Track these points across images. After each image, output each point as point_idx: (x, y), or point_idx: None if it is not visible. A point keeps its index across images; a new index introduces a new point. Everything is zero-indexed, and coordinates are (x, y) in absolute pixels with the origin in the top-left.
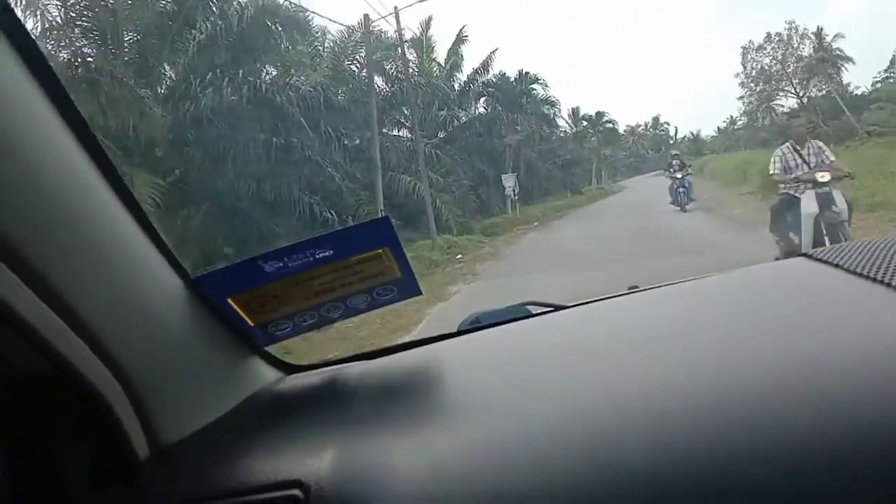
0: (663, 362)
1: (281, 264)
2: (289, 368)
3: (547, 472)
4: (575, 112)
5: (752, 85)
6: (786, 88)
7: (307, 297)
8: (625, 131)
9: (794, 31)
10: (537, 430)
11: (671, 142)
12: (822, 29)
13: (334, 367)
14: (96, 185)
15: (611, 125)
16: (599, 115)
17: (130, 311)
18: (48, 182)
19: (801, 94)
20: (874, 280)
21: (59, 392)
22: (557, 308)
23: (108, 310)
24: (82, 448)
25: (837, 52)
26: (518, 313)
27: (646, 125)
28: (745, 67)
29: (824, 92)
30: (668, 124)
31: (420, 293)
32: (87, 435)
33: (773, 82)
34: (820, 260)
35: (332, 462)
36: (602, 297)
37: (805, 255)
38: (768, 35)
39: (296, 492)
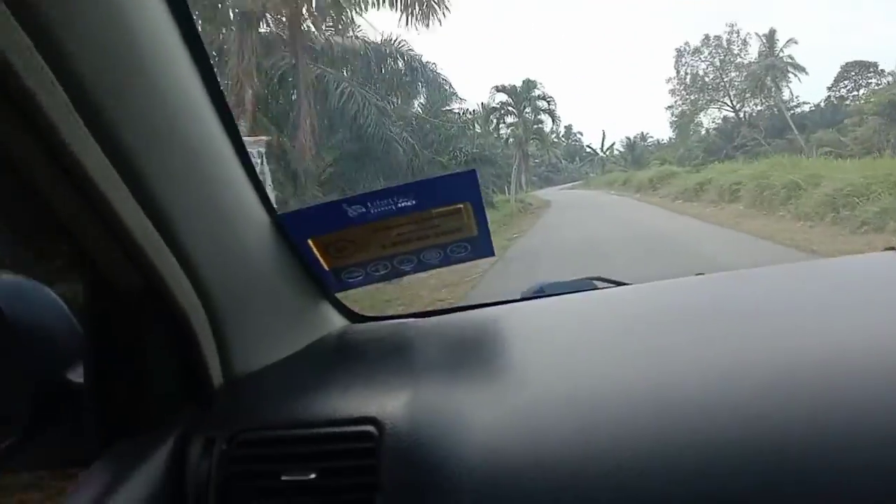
0: (730, 344)
1: (364, 209)
2: (356, 318)
3: (613, 435)
4: (504, 88)
5: (685, 93)
6: (722, 100)
7: (383, 247)
8: (533, 138)
9: (735, 34)
10: (608, 398)
11: (585, 153)
12: (774, 32)
13: (401, 320)
14: (210, 118)
15: (545, 103)
16: (529, 84)
17: (221, 238)
18: (168, 106)
19: (737, 107)
20: None
21: (147, 306)
22: (620, 284)
23: (202, 233)
24: (162, 366)
25: (789, 59)
26: (583, 286)
27: (557, 134)
28: (677, 72)
29: (764, 106)
30: (582, 134)
31: (493, 254)
32: (168, 355)
33: (708, 92)
34: None
35: (406, 404)
36: (666, 279)
37: (893, 248)
38: (706, 37)
39: (370, 428)
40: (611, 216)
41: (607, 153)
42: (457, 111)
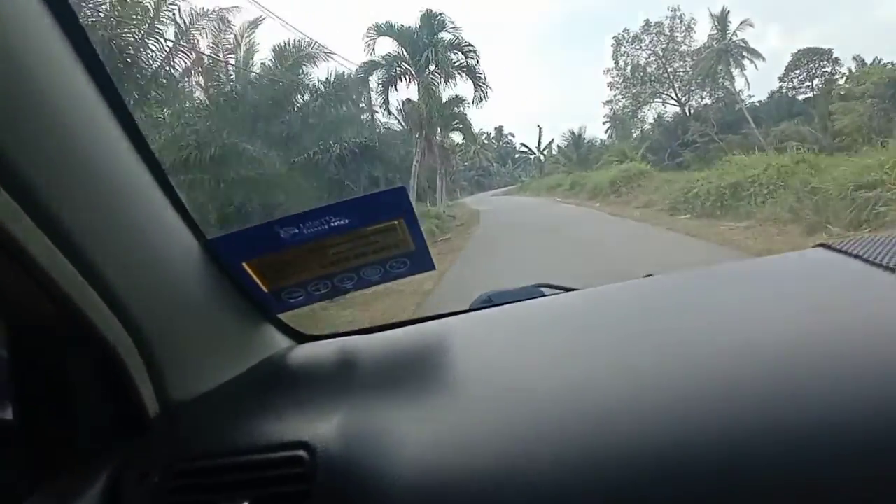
0: (675, 343)
1: (296, 230)
2: (301, 337)
3: (551, 448)
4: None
5: (625, 86)
6: (666, 92)
7: (321, 266)
8: (465, 139)
9: (678, 19)
10: (544, 406)
11: (517, 155)
12: (727, 13)
13: (346, 337)
14: (121, 143)
15: (460, 56)
16: (431, 21)
17: (146, 268)
18: (76, 136)
19: (683, 99)
20: (888, 269)
21: (71, 340)
22: (569, 290)
23: (125, 265)
24: (92, 399)
25: (742, 44)
26: (531, 294)
27: (488, 136)
28: (616, 63)
29: (712, 99)
30: (514, 136)
31: (433, 268)
32: (98, 388)
33: (651, 84)
34: (838, 250)
35: (338, 427)
36: (615, 283)
37: (823, 245)
38: (647, 23)
39: (301, 453)
40: (594, 247)
41: (545, 152)
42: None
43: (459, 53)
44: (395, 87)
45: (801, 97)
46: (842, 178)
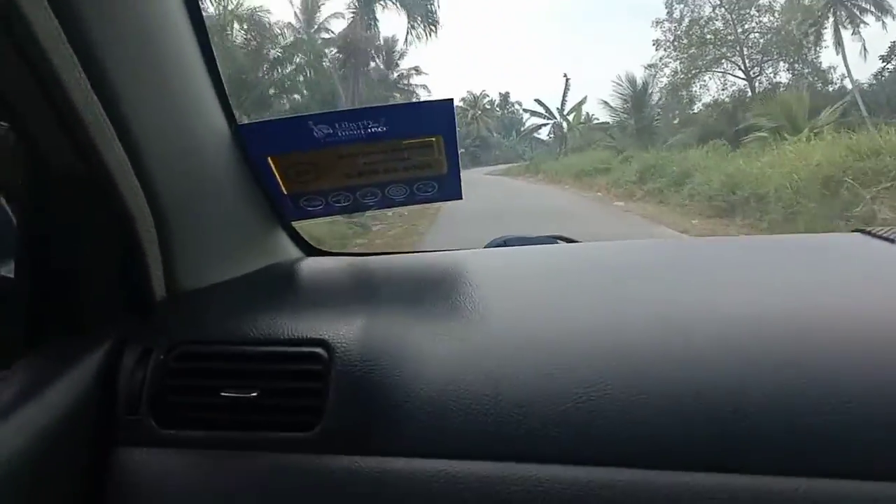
0: (703, 301)
1: (331, 130)
2: (312, 250)
3: (577, 378)
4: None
5: (677, 47)
6: (731, 59)
7: (347, 175)
8: (464, 101)
9: None
10: (568, 339)
11: (525, 125)
12: None
13: (359, 257)
14: (179, 17)
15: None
16: None
17: (173, 138)
18: None
19: (751, 71)
20: None
21: (89, 201)
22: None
23: (156, 130)
24: (101, 268)
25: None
26: (544, 241)
27: (491, 102)
28: (670, 14)
29: (793, 74)
30: (521, 104)
31: (461, 197)
32: (108, 257)
33: (714, 46)
34: (879, 236)
35: (360, 329)
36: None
37: (861, 230)
38: None
39: (319, 350)
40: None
41: (572, 116)
42: None
43: None
44: None
45: None
46: None
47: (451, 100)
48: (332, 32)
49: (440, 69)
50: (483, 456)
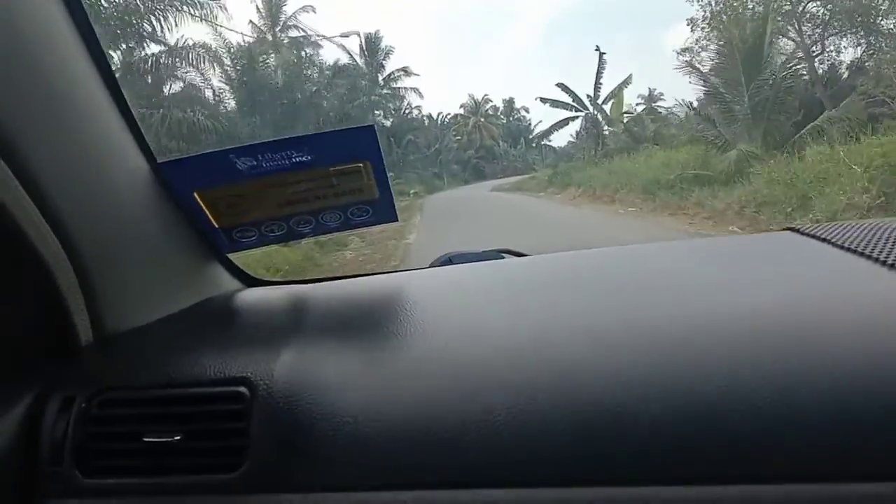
0: (636, 308)
1: (255, 162)
2: (250, 280)
3: (508, 401)
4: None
5: (716, 24)
6: (787, 36)
7: (278, 205)
8: (464, 108)
9: None
10: (502, 359)
11: (531, 134)
12: None
13: (297, 285)
14: (77, 54)
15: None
16: None
17: (90, 185)
18: (29, 44)
19: (811, 49)
20: (860, 254)
21: (4, 253)
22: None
23: (67, 178)
24: (21, 318)
25: None
26: (492, 257)
27: (494, 108)
28: None
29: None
30: (528, 111)
31: (396, 220)
32: (29, 307)
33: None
34: (807, 234)
35: (283, 365)
36: (580, 249)
37: (791, 228)
38: None
39: (241, 389)
40: None
41: (610, 105)
42: None
43: None
44: None
45: None
46: None
47: (373, 125)
48: (302, 29)
49: (434, 68)
50: (411, 485)
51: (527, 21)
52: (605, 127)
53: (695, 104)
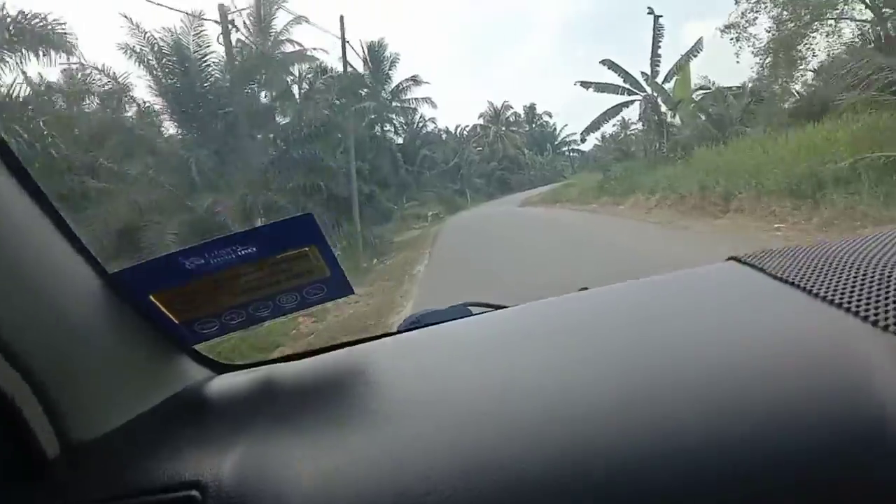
0: (590, 364)
1: (202, 261)
2: (219, 367)
3: (473, 477)
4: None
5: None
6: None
7: (234, 295)
8: (483, 118)
9: None
10: (466, 431)
11: (556, 140)
12: None
13: (266, 366)
14: (4, 181)
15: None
16: None
17: (40, 308)
18: None
19: (882, 10)
20: (792, 284)
21: None
22: (498, 307)
23: (13, 306)
24: None
25: None
26: (458, 313)
27: (516, 114)
28: None
29: None
30: (550, 116)
31: (352, 292)
32: None
33: None
34: (746, 263)
35: (235, 463)
36: (544, 298)
37: (734, 258)
38: None
39: (194, 493)
40: None
41: (673, 84)
42: None
43: None
44: None
45: None
46: None
47: (311, 214)
48: (298, 44)
49: (447, 78)
50: None
51: (543, 22)
52: (668, 112)
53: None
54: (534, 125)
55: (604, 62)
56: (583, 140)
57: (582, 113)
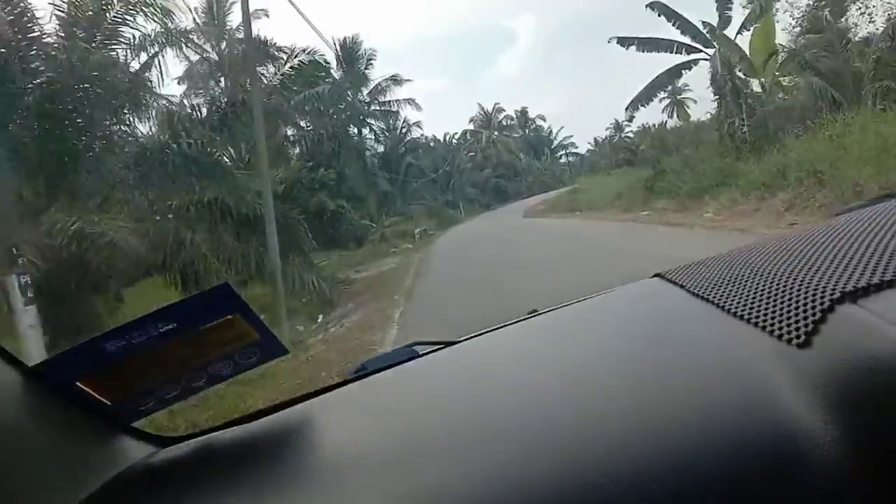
0: (523, 392)
1: (123, 342)
2: (161, 441)
3: None
4: None
5: None
6: None
7: (164, 370)
8: (474, 123)
9: None
10: (415, 481)
11: (553, 145)
12: None
13: (210, 434)
14: None
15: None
16: None
17: None
18: None
19: None
20: (706, 300)
21: None
22: (446, 344)
23: None
24: None
25: None
26: (405, 355)
27: (507, 120)
28: None
29: None
30: (544, 119)
31: (286, 352)
32: None
33: None
34: (670, 280)
35: None
36: (479, 333)
37: (659, 275)
38: None
39: None
40: None
41: (751, 41)
42: None
43: None
44: None
45: None
46: None
47: (228, 283)
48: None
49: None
50: None
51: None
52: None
53: None
54: (528, 130)
55: (652, 5)
56: (630, 119)
57: (576, 119)
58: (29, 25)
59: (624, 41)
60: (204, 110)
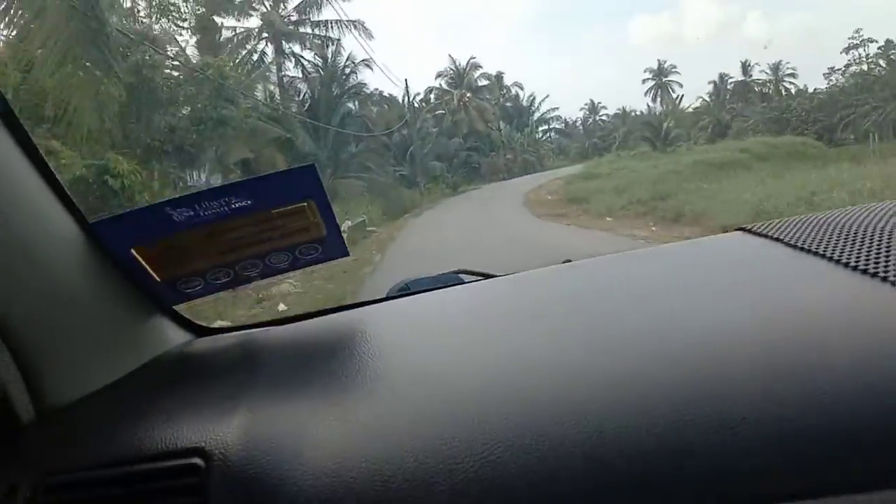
0: (595, 328)
1: (192, 212)
2: (199, 330)
3: (471, 439)
4: None
5: None
6: None
7: (221, 252)
8: (442, 80)
9: None
10: (463, 395)
11: (533, 112)
12: None
13: (249, 330)
14: None
15: None
16: None
17: (15, 256)
18: None
19: None
20: (811, 252)
21: None
22: (488, 276)
23: None
24: None
25: None
26: (448, 280)
27: (483, 78)
28: None
29: None
30: (521, 87)
31: (347, 254)
32: None
33: None
34: (758, 234)
35: (238, 429)
36: (534, 269)
37: (742, 229)
38: None
39: (196, 460)
40: None
41: None
42: None
43: None
44: None
45: None
46: None
47: (314, 165)
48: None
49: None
50: None
51: None
52: None
53: None
54: (502, 97)
55: None
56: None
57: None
58: None
59: None
60: None
